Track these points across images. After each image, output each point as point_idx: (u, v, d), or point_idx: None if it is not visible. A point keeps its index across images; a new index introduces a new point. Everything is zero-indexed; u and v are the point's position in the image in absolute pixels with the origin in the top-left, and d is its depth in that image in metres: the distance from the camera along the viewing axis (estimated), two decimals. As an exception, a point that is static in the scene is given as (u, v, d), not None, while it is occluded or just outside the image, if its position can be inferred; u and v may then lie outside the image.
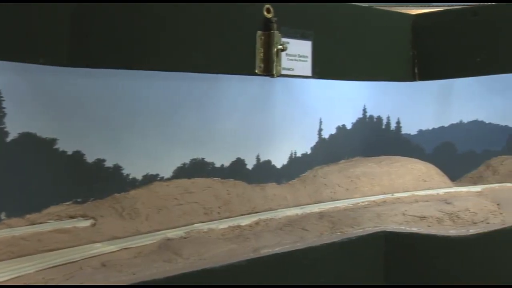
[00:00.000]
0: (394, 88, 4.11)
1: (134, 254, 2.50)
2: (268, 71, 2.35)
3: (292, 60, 2.45)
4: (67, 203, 2.80)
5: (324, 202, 3.52)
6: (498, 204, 3.34)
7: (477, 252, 2.99)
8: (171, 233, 2.76)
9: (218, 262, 2.43)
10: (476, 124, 4.50)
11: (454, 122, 4.50)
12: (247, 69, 2.35)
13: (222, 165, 3.32)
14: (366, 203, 3.50)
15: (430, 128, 4.47)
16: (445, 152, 4.47)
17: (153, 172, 3.06)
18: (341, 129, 4.02)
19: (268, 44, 2.34)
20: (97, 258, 2.39)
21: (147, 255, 2.49)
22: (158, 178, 3.08)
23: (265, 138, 3.50)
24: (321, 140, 3.87)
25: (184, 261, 2.43)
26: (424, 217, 3.18)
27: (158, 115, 3.06)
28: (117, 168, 2.95)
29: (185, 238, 2.72)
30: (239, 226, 2.97)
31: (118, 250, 2.50)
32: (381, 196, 3.63)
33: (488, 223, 3.11)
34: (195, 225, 2.92)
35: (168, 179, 3.11)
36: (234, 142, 3.36)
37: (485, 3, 3.04)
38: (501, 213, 3.20)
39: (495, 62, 2.95)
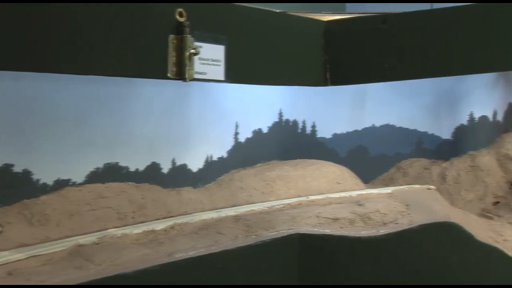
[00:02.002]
0: (310, 92, 4.19)
1: (43, 261, 2.43)
2: (181, 75, 2.34)
3: (205, 64, 2.45)
4: (-28, 210, 2.69)
5: (240, 205, 3.55)
6: (406, 205, 3.46)
7: (387, 251, 3.09)
8: (83, 239, 2.70)
9: (131, 268, 2.40)
10: (388, 128, 4.65)
11: (367, 126, 4.63)
12: (159, 73, 2.33)
13: (137, 169, 3.28)
14: (282, 206, 3.55)
15: (345, 132, 4.58)
16: (359, 155, 4.59)
17: (65, 177, 2.99)
18: (258, 132, 4.05)
19: (181, 48, 2.33)
20: (3, 266, 2.31)
21: (57, 262, 2.44)
22: (70, 183, 3.01)
23: (181, 142, 3.49)
24: (237, 144, 3.89)
25: (96, 267, 2.40)
26: (337, 219, 3.26)
27: (70, 118, 2.99)
28: (26, 173, 2.86)
29: (97, 244, 2.68)
30: (153, 231, 2.95)
31: (26, 258, 2.43)
32: (296, 199, 3.69)
33: (397, 223, 3.22)
34: (109, 230, 2.88)
35: (81, 184, 3.04)
36: (149, 146, 3.33)
37: (394, 12, 3.15)
38: (409, 214, 3.32)
39: (403, 68, 3.06)
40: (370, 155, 4.63)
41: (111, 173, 3.16)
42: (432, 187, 4.01)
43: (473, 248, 3.16)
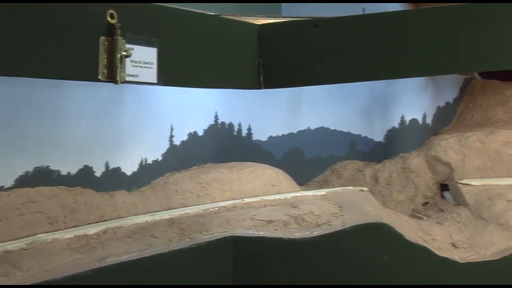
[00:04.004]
0: (246, 95, 4.21)
1: (-33, 269, 2.35)
2: (112, 77, 2.32)
3: (137, 66, 2.43)
4: None
5: (174, 208, 3.52)
6: (340, 207, 3.52)
7: (320, 252, 3.14)
8: (11, 245, 2.62)
9: (61, 273, 2.35)
10: (322, 131, 4.71)
11: (302, 128, 4.68)
12: (90, 75, 2.30)
13: (69, 173, 3.21)
14: (217, 208, 3.55)
15: (280, 134, 4.61)
16: (294, 158, 4.63)
17: (-8, 181, 2.90)
18: (193, 135, 4.04)
19: (112, 50, 2.31)
20: None
21: (-17, 270, 2.36)
22: (-2, 188, 2.92)
23: (115, 144, 3.44)
24: (172, 147, 3.86)
25: (24, 274, 2.34)
26: (272, 221, 3.29)
27: (-2, 121, 2.91)
28: (-49, 178, 2.76)
29: (26, 250, 2.61)
30: (85, 235, 2.90)
31: (-51, 266, 2.34)
32: (231, 202, 3.69)
33: (330, 224, 3.26)
34: (39, 235, 2.80)
35: (9, 189, 2.94)
36: (81, 149, 3.26)
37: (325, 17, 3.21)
38: (342, 215, 3.37)
39: (335, 72, 3.12)
40: (305, 158, 4.68)
41: (42, 177, 3.08)
42: (365, 188, 4.09)
43: (403, 247, 3.25)
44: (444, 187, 4.41)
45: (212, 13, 2.95)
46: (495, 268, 3.26)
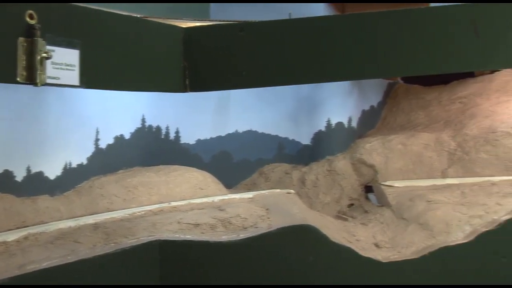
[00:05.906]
0: (174, 98, 4.19)
1: None
2: (31, 79, 2.26)
3: (58, 68, 2.38)
4: None
5: (100, 213, 3.47)
6: (267, 209, 3.55)
7: (247, 255, 3.16)
8: None
9: (-24, 283, 2.28)
10: (250, 134, 4.74)
11: (231, 131, 4.69)
12: (8, 77, 2.23)
13: (-13, 178, 3.11)
14: (143, 212, 3.51)
15: (208, 137, 4.61)
16: (222, 161, 4.64)
17: None
18: (119, 138, 3.99)
19: (31, 52, 2.25)
20: None
21: None
22: None
23: (37, 148, 3.35)
24: (98, 150, 3.80)
25: None
26: (198, 224, 3.28)
27: None
28: None
29: None
30: (4, 242, 2.80)
31: None
32: (158, 205, 3.66)
33: (256, 227, 3.28)
34: (-47, 243, 2.71)
35: None
36: (1, 153, 3.16)
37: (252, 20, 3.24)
38: (268, 218, 3.40)
39: (260, 76, 3.15)
40: (233, 161, 4.70)
41: (-42, 182, 2.98)
42: (291, 191, 4.13)
43: (328, 249, 3.30)
44: (368, 188, 4.51)
45: (137, 15, 2.92)
46: (415, 267, 3.36)
